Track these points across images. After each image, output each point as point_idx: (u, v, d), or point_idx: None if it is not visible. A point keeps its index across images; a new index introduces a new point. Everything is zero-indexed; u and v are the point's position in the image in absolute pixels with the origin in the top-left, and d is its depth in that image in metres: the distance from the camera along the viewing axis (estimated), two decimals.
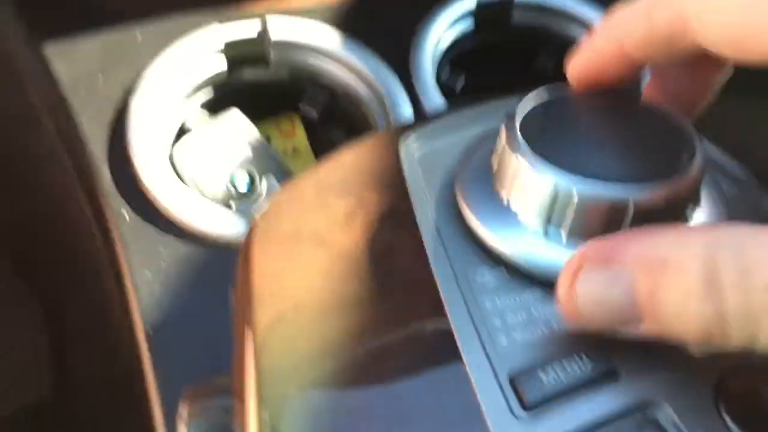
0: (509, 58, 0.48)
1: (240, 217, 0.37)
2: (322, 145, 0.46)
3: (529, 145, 0.20)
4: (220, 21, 0.43)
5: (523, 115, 0.22)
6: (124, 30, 0.43)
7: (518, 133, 0.21)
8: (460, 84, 0.46)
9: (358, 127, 0.44)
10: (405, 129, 0.26)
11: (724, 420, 0.17)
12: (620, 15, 0.22)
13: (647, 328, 0.17)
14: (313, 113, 0.46)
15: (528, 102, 0.22)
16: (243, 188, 0.41)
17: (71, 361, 0.60)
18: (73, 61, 0.42)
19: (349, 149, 0.27)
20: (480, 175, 0.23)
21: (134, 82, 0.41)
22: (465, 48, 0.47)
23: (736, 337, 0.16)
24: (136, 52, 0.43)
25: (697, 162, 0.20)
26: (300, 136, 0.48)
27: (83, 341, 0.58)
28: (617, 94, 0.23)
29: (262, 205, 0.40)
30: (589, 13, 0.46)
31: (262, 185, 0.42)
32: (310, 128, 0.46)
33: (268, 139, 0.45)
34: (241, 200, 0.41)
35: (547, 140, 0.21)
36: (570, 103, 0.23)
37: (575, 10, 0.46)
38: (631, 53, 0.22)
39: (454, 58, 0.47)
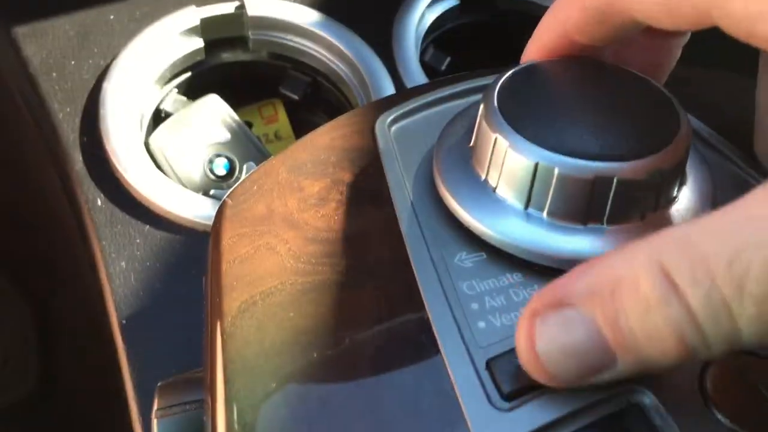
0: (495, 38, 0.47)
1: (217, 204, 0.36)
2: (305, 129, 0.45)
3: (508, 122, 0.19)
4: (197, 4, 0.42)
5: (502, 91, 0.20)
6: (96, 11, 0.42)
7: (497, 110, 0.20)
8: (444, 64, 0.45)
9: (341, 109, 0.43)
10: (381, 105, 0.25)
11: (708, 406, 0.16)
12: (559, 1, 0.21)
13: (624, 365, 0.15)
14: (295, 96, 0.44)
15: (507, 78, 0.21)
16: (221, 171, 0.39)
17: (58, 354, 0.59)
18: (44, 44, 0.41)
19: (323, 128, 0.26)
20: (458, 154, 0.22)
21: (107, 66, 0.40)
22: (449, 27, 0.46)
23: (714, 336, 0.14)
24: (109, 34, 0.42)
25: (683, 134, 0.19)
26: (283, 121, 0.46)
27: (68, 334, 0.57)
28: (596, 62, 0.22)
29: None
30: None
31: (243, 172, 0.41)
32: (292, 111, 0.45)
33: (249, 124, 0.44)
34: (221, 187, 0.40)
35: (526, 116, 0.20)
36: (549, 76, 0.21)
37: None
38: (575, 38, 0.21)
39: (439, 38, 0.45)
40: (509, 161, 0.19)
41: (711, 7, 0.17)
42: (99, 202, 0.36)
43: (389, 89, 0.40)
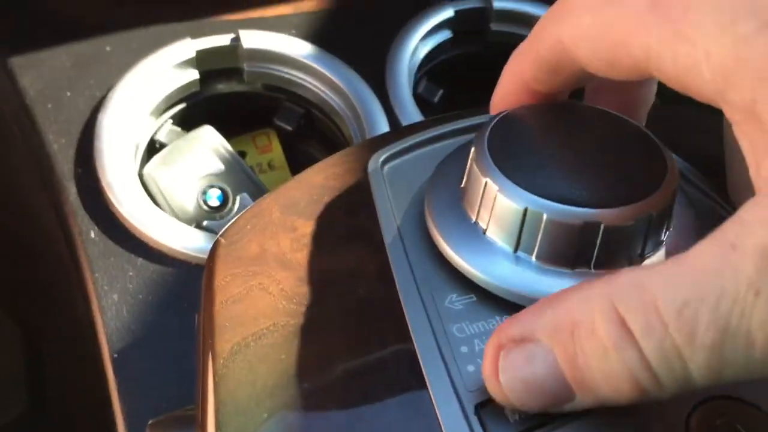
0: (487, 70, 0.47)
1: (210, 237, 0.36)
2: (299, 159, 0.45)
3: (498, 167, 0.20)
4: (192, 36, 0.42)
5: (493, 134, 0.21)
6: (92, 43, 0.42)
7: (487, 154, 0.20)
8: (437, 97, 0.46)
9: (334, 140, 0.44)
10: (374, 144, 0.25)
11: None
12: (517, 51, 0.22)
13: (582, 400, 0.16)
14: (289, 127, 0.45)
15: (498, 121, 0.21)
16: (214, 202, 0.40)
17: (47, 383, 0.59)
18: (40, 75, 0.41)
19: (316, 167, 0.26)
20: (449, 195, 0.22)
21: (103, 97, 0.40)
22: (442, 59, 0.46)
23: (667, 380, 0.15)
24: (105, 66, 0.42)
25: (670, 179, 0.19)
26: (276, 151, 0.47)
27: (60, 362, 0.57)
28: (584, 106, 0.22)
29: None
30: None
31: (236, 203, 0.41)
32: (286, 142, 0.45)
33: (243, 154, 0.45)
34: (214, 218, 0.40)
35: (516, 160, 0.20)
36: (539, 120, 0.22)
37: None
38: (535, 87, 0.22)
39: (432, 70, 0.46)
40: (499, 206, 0.20)
41: (647, 62, 0.18)
42: (92, 234, 0.36)
43: (382, 122, 0.40)
